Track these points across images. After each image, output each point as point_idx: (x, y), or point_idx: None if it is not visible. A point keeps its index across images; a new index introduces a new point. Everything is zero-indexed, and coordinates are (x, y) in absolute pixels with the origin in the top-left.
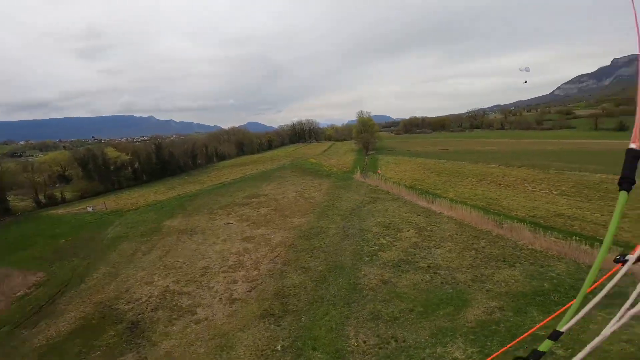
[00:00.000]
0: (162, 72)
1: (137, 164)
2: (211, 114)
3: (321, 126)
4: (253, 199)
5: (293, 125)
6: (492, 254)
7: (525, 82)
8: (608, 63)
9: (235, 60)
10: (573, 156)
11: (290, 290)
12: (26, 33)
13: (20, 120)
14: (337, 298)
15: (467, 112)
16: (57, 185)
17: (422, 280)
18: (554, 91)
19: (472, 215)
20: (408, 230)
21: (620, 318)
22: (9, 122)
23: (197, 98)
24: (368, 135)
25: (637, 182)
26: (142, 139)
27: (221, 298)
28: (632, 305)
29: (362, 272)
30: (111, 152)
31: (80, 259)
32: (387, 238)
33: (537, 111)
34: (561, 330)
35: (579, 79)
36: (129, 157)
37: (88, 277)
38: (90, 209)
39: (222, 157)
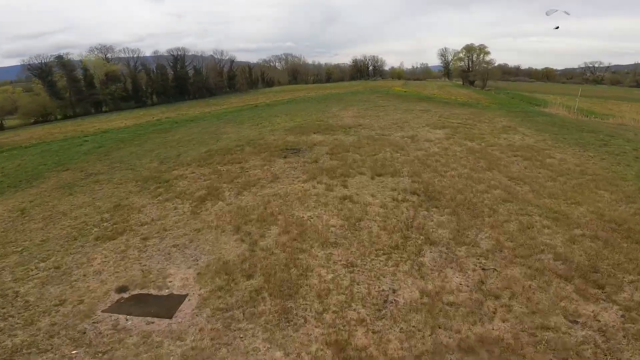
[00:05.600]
0: (221, 16)
1: (144, 81)
2: (269, 55)
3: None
4: (315, 135)
5: (355, 61)
6: None
7: (557, 27)
8: None
9: (292, 4)
10: None
11: None
12: None
13: None
14: None
15: (584, 66)
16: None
17: None
18: None
19: None
20: None
21: None
22: None
23: (255, 40)
24: (487, 67)
25: None
26: None
27: None
28: None
29: None
30: (97, 62)
31: None
32: None
33: None
34: None
35: None
36: (119, 66)
37: None
38: None
39: (269, 84)
